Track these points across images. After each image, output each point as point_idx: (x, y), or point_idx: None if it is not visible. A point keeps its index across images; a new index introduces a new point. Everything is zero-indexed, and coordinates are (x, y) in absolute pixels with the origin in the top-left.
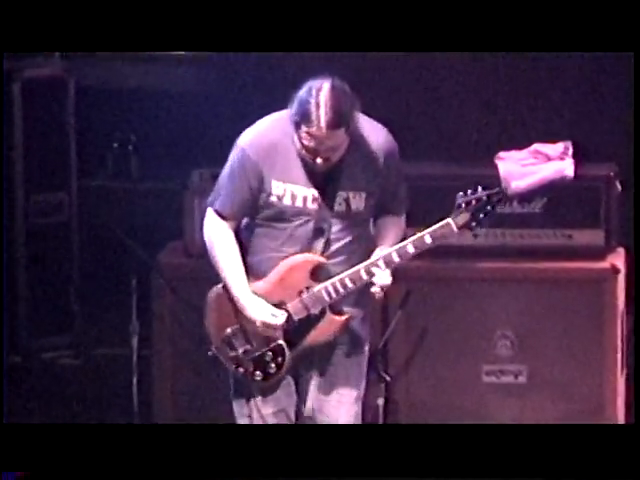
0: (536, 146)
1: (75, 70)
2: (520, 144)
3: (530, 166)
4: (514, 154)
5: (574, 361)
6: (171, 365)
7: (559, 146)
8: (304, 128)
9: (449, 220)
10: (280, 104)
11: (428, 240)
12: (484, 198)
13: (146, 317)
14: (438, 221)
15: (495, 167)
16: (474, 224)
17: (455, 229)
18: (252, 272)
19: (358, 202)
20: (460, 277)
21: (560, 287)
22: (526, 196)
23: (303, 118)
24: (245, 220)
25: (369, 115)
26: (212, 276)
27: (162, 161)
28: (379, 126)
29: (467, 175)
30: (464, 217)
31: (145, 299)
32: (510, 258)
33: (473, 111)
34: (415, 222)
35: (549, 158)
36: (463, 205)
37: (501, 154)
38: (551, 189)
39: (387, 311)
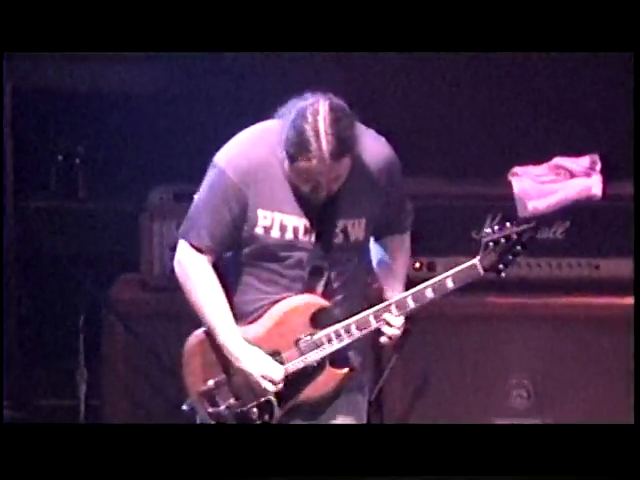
0: (557, 160)
1: (12, 69)
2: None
3: (550, 184)
4: (531, 170)
5: (601, 414)
6: (125, 419)
7: (584, 160)
8: (302, 161)
9: (475, 262)
10: (260, 110)
11: (450, 284)
12: (514, 237)
13: (96, 362)
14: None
15: (509, 185)
16: (501, 266)
17: (481, 272)
18: (236, 314)
19: (358, 231)
20: (467, 314)
21: (585, 326)
22: (545, 219)
23: (300, 149)
24: (227, 253)
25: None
26: (174, 313)
27: (115, 177)
28: (378, 137)
29: (476, 194)
30: (491, 258)
31: (95, 340)
32: (526, 292)
33: (471, 113)
34: (418, 246)
35: (573, 174)
36: (491, 245)
37: (516, 170)
38: (575, 211)
39: (381, 355)
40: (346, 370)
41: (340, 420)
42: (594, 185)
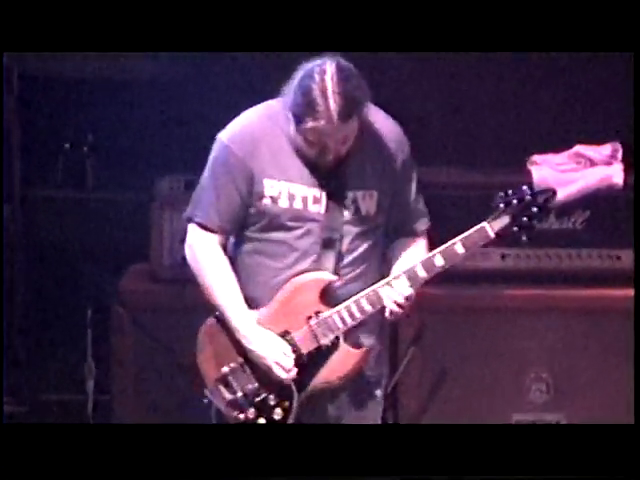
0: (578, 148)
1: (19, 56)
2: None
3: (570, 172)
4: (551, 158)
5: (622, 409)
6: (134, 414)
7: (605, 148)
8: (309, 122)
9: (484, 224)
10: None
11: (460, 250)
12: (527, 197)
13: (104, 356)
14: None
15: (528, 173)
16: (516, 229)
17: (492, 234)
18: (248, 299)
19: (369, 204)
20: (485, 307)
21: (606, 318)
22: (565, 209)
23: (307, 110)
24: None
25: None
26: (185, 306)
27: (124, 166)
28: (389, 117)
29: (494, 183)
30: (503, 220)
31: (103, 334)
32: (545, 284)
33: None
34: (433, 239)
35: (593, 163)
36: (502, 206)
37: (535, 158)
38: (595, 200)
39: (397, 348)
40: (364, 349)
41: (354, 417)
42: (615, 174)
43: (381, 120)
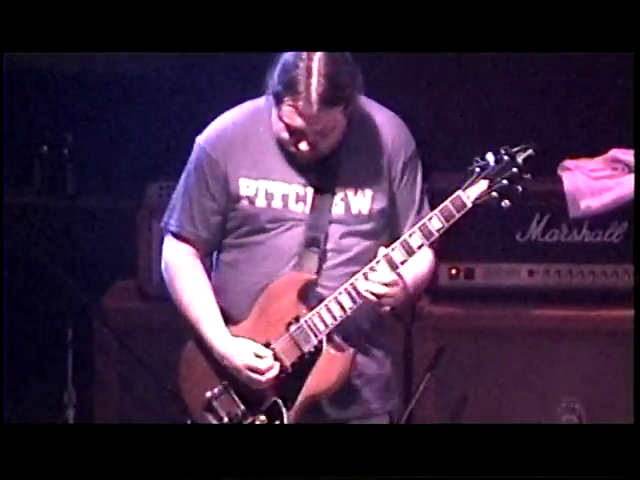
0: (614, 153)
1: None
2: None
3: (605, 179)
4: (584, 163)
5: None
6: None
7: None
8: (287, 101)
9: (459, 192)
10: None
11: (437, 224)
12: (505, 158)
13: (86, 381)
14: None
15: (559, 181)
16: (495, 195)
17: (468, 203)
18: (228, 316)
19: (361, 202)
20: (510, 328)
21: None
22: (600, 220)
23: (288, 87)
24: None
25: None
26: (175, 326)
27: (108, 171)
28: (388, 111)
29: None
30: (480, 187)
31: (85, 357)
32: (577, 303)
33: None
34: (455, 250)
35: (631, 169)
36: (478, 170)
37: (567, 163)
38: (634, 211)
39: (411, 373)
40: (349, 351)
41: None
42: None
43: (379, 116)
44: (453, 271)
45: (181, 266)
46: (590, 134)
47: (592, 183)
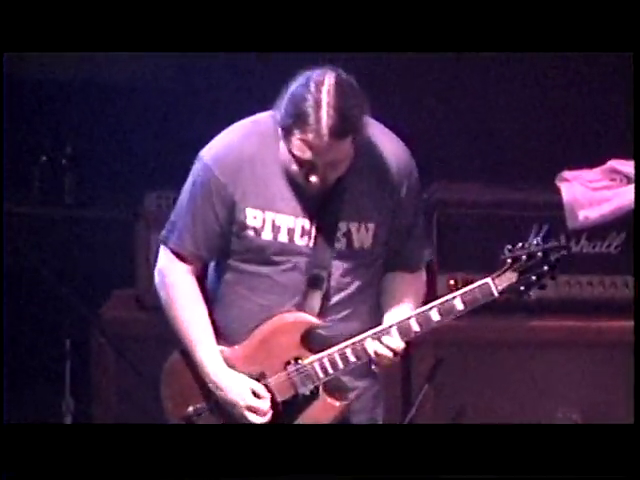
0: (612, 163)
1: None
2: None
3: (604, 190)
4: (583, 174)
5: None
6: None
7: None
8: (297, 134)
9: (488, 280)
10: (265, 109)
11: (459, 306)
12: (539, 255)
13: (84, 391)
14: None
15: (557, 191)
16: (522, 288)
17: (495, 293)
18: (220, 333)
19: (363, 237)
20: (507, 340)
21: None
22: (598, 231)
23: (298, 120)
24: (211, 263)
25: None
26: (174, 336)
27: (106, 181)
28: (392, 135)
29: (519, 202)
30: (509, 278)
31: (83, 366)
32: (576, 314)
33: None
34: (452, 261)
35: (630, 180)
36: (509, 262)
37: (566, 174)
38: (632, 222)
39: (410, 385)
40: (346, 402)
41: None
42: None
43: (384, 142)
44: (452, 282)
45: (178, 285)
46: (589, 137)
47: (590, 194)
